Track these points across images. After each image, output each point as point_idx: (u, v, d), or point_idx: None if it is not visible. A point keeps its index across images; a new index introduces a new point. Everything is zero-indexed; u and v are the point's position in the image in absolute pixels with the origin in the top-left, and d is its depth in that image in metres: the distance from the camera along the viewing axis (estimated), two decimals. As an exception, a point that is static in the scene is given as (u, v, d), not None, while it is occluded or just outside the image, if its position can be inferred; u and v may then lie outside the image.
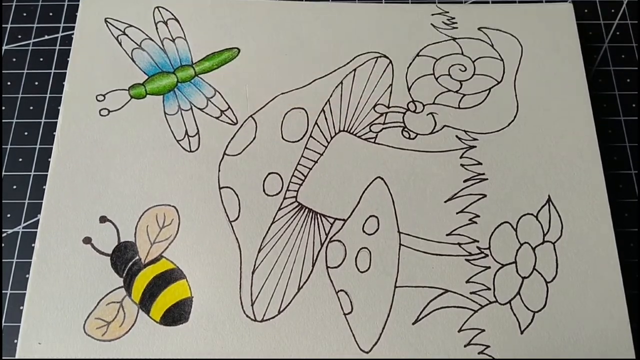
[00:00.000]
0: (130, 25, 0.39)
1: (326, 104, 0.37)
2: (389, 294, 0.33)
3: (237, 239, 0.34)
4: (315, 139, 0.36)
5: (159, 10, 0.39)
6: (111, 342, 0.32)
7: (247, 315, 0.32)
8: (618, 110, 0.39)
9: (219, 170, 0.35)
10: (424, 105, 0.37)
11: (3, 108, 0.38)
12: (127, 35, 0.39)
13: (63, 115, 0.36)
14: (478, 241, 0.34)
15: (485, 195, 0.35)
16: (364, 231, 0.34)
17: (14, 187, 0.36)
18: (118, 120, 0.36)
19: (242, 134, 0.36)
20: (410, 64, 0.38)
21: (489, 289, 0.33)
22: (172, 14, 0.39)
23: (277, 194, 0.35)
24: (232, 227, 0.34)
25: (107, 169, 0.35)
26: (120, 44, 0.38)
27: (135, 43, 0.38)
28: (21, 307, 0.32)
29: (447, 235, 0.34)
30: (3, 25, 0.41)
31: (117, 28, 0.39)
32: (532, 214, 0.34)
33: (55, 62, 0.40)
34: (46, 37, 0.41)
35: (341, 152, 0.36)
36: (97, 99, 0.37)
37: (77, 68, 0.38)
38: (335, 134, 0.36)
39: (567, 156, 0.36)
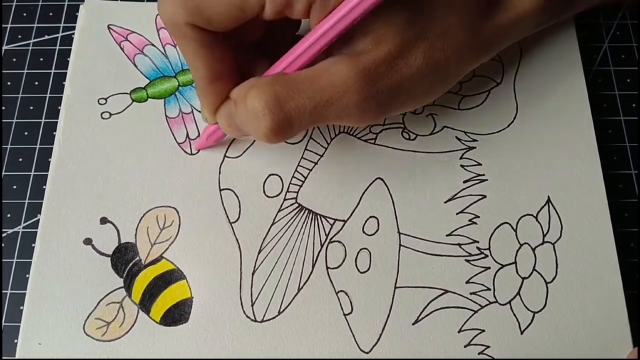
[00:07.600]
0: (133, 32, 0.39)
1: (326, 105, 0.37)
2: (389, 295, 0.33)
3: (237, 240, 0.34)
4: (315, 141, 0.36)
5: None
6: (111, 342, 0.31)
7: (247, 316, 0.32)
8: (618, 110, 0.39)
9: (220, 172, 0.35)
10: (423, 106, 0.37)
11: (3, 108, 0.38)
12: (129, 41, 0.39)
13: (65, 118, 0.36)
14: (478, 242, 0.34)
15: (485, 196, 0.35)
16: (364, 232, 0.34)
17: (14, 187, 0.36)
18: (119, 123, 0.36)
19: (242, 136, 0.36)
20: (411, 64, 0.38)
21: (489, 289, 0.33)
22: None
23: (277, 195, 0.35)
24: (232, 228, 0.34)
25: (108, 170, 0.35)
26: (122, 49, 0.38)
27: (137, 48, 0.38)
28: (21, 307, 0.32)
29: (447, 235, 0.34)
30: (3, 25, 0.41)
31: (119, 34, 0.39)
32: (531, 215, 0.34)
33: (55, 62, 0.40)
34: (46, 37, 0.40)
35: (341, 153, 0.36)
36: (99, 102, 0.37)
37: (79, 73, 0.37)
38: (335, 135, 0.36)
39: (567, 157, 0.36)
